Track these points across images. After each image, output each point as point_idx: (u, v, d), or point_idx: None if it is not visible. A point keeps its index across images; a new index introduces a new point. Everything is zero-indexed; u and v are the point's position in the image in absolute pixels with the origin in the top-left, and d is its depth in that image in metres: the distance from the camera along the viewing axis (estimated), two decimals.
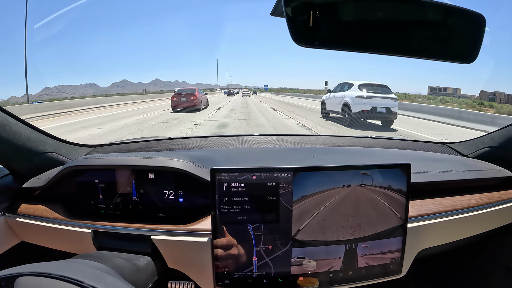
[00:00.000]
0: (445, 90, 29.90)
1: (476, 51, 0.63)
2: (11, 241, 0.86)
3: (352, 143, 1.30)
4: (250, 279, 0.68)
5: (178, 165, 0.78)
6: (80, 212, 0.83)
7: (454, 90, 29.28)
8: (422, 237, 0.80)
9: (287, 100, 24.42)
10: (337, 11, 0.59)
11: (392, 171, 0.71)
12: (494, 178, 0.96)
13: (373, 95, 7.93)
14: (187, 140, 1.28)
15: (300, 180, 0.67)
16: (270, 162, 0.94)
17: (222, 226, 0.67)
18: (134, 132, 7.12)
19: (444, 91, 29.57)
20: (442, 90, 30.18)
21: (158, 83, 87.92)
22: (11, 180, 0.88)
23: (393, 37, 0.62)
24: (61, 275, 0.47)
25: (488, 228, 0.91)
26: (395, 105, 7.92)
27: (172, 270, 0.76)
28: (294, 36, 0.55)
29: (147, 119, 9.65)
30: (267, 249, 0.68)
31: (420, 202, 0.85)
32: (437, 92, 29.82)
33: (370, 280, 0.73)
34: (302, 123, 8.33)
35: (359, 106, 7.83)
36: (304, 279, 0.69)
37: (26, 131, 0.86)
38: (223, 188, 0.66)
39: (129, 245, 0.75)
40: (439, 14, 0.63)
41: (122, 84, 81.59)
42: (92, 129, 7.48)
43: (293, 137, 1.30)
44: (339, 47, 0.61)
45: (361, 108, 7.82)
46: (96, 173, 0.83)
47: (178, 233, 0.74)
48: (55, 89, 41.54)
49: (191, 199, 0.81)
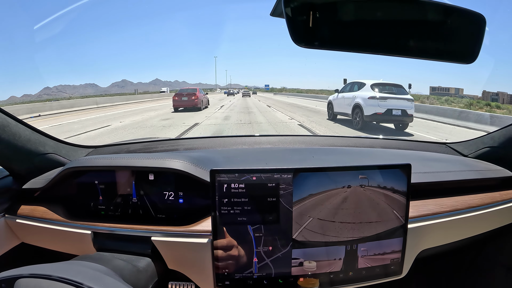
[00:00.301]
0: (447, 90, 29.45)
1: (477, 51, 0.63)
2: (11, 242, 0.86)
3: (352, 143, 1.30)
4: (251, 280, 0.68)
5: (178, 166, 0.78)
6: (80, 213, 0.83)
7: (456, 90, 28.78)
8: (423, 237, 0.79)
9: (294, 101, 23.02)
10: (337, 12, 0.58)
11: (392, 172, 0.71)
12: (494, 178, 0.96)
13: (387, 96, 7.29)
14: (187, 141, 1.28)
15: (300, 181, 0.67)
16: (270, 162, 0.94)
17: (222, 227, 0.67)
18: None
19: (446, 91, 29.10)
20: (444, 90, 29.68)
21: (158, 83, 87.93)
22: (11, 181, 0.88)
23: (393, 38, 0.62)
24: (61, 277, 0.47)
25: (488, 228, 0.90)
26: (411, 107, 7.28)
27: (172, 271, 0.76)
28: (293, 36, 0.55)
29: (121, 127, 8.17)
30: (267, 250, 0.68)
31: (421, 202, 0.85)
32: (439, 92, 29.31)
33: (370, 281, 0.73)
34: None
35: (373, 108, 7.19)
36: (304, 280, 0.69)
37: (26, 132, 0.86)
38: (223, 189, 0.66)
39: (129, 246, 0.75)
40: (439, 14, 0.63)
41: (122, 84, 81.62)
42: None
43: (293, 138, 1.30)
44: (338, 47, 0.61)
45: (375, 110, 7.16)
46: (96, 174, 0.83)
47: (178, 234, 0.74)
48: (55, 89, 41.48)
49: (191, 200, 0.81)
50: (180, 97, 12.83)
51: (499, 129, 1.05)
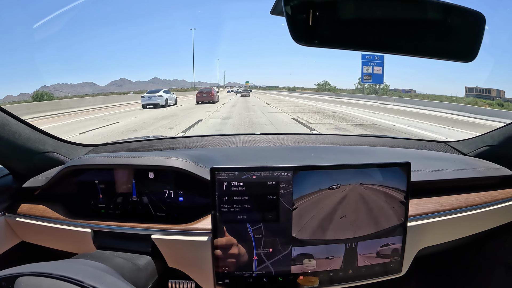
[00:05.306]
0: (488, 92, 25.10)
1: (476, 49, 0.63)
2: (11, 241, 0.86)
3: (352, 141, 1.30)
4: (251, 278, 0.68)
5: (178, 164, 0.78)
6: (80, 211, 0.83)
7: (497, 92, 24.55)
8: (422, 235, 0.80)
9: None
10: (337, 10, 0.58)
11: (392, 170, 0.71)
12: (494, 177, 0.96)
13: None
14: (187, 139, 1.29)
15: (300, 179, 0.67)
16: (270, 161, 0.94)
17: (222, 225, 0.67)
18: None
19: (486, 93, 25.01)
20: (484, 92, 25.36)
21: (157, 82, 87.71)
22: (11, 180, 0.88)
23: (393, 36, 0.62)
24: (62, 275, 0.47)
25: (488, 227, 0.91)
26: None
27: (172, 270, 0.76)
28: (293, 34, 0.55)
29: None
30: (267, 252, 0.68)
31: (420, 200, 0.85)
32: (477, 93, 25.41)
33: (370, 279, 0.73)
34: None
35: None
36: (304, 278, 0.70)
37: (26, 131, 0.86)
38: (223, 187, 0.66)
39: (129, 245, 0.75)
40: (439, 13, 0.63)
41: (121, 82, 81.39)
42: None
43: (293, 136, 1.30)
44: (339, 45, 0.61)
45: None
46: (96, 172, 0.83)
47: (178, 232, 0.74)
48: (52, 88, 41.29)
49: (191, 198, 0.81)
50: (201, 94, 19.01)
51: (499, 128, 1.05)
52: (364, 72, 26.22)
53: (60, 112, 13.72)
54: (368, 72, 26.19)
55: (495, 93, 24.65)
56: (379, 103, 18.92)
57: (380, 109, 14.57)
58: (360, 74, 27.28)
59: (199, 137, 1.32)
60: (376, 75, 26.19)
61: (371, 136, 1.38)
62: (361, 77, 26.80)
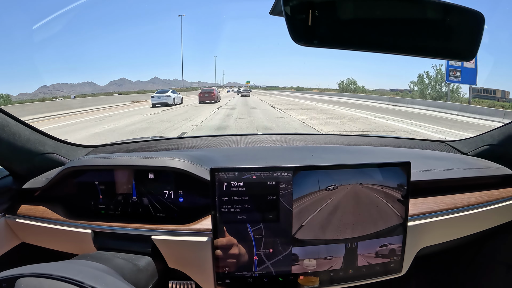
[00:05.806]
0: (493, 93, 23.59)
1: (475, 49, 0.63)
2: (12, 242, 0.86)
3: (352, 141, 1.30)
4: (251, 279, 0.68)
5: (178, 165, 0.78)
6: (80, 212, 0.83)
7: (502, 93, 23.13)
8: (422, 235, 0.80)
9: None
10: (336, 10, 0.58)
11: (392, 170, 0.71)
12: (494, 176, 0.96)
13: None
14: (187, 140, 1.29)
15: (300, 179, 0.67)
16: (270, 161, 0.94)
17: (222, 225, 0.67)
18: None
19: (491, 94, 23.59)
20: (489, 93, 23.75)
21: (156, 81, 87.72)
22: (11, 181, 0.88)
23: (392, 35, 0.62)
24: (62, 276, 0.47)
25: (488, 226, 0.91)
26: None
27: (172, 270, 0.76)
28: (293, 35, 0.55)
29: None
30: (268, 253, 0.68)
31: (420, 200, 0.85)
32: (483, 94, 23.59)
33: (370, 278, 0.73)
34: None
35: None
36: (304, 278, 0.70)
37: (26, 132, 0.86)
38: (223, 187, 0.66)
39: (129, 245, 0.75)
40: (438, 12, 0.63)
41: (120, 82, 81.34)
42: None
43: (293, 136, 1.30)
44: (338, 45, 0.61)
45: None
46: (96, 173, 0.83)
47: (178, 233, 0.74)
48: (52, 88, 41.26)
49: (191, 198, 0.81)
50: (204, 94, 20.83)
51: (499, 127, 1.05)
52: (451, 65, 16.76)
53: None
54: (457, 66, 16.66)
55: (500, 93, 23.49)
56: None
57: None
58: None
59: (199, 137, 1.31)
60: (467, 71, 16.78)
61: (371, 136, 1.39)
62: (446, 72, 17.50)
